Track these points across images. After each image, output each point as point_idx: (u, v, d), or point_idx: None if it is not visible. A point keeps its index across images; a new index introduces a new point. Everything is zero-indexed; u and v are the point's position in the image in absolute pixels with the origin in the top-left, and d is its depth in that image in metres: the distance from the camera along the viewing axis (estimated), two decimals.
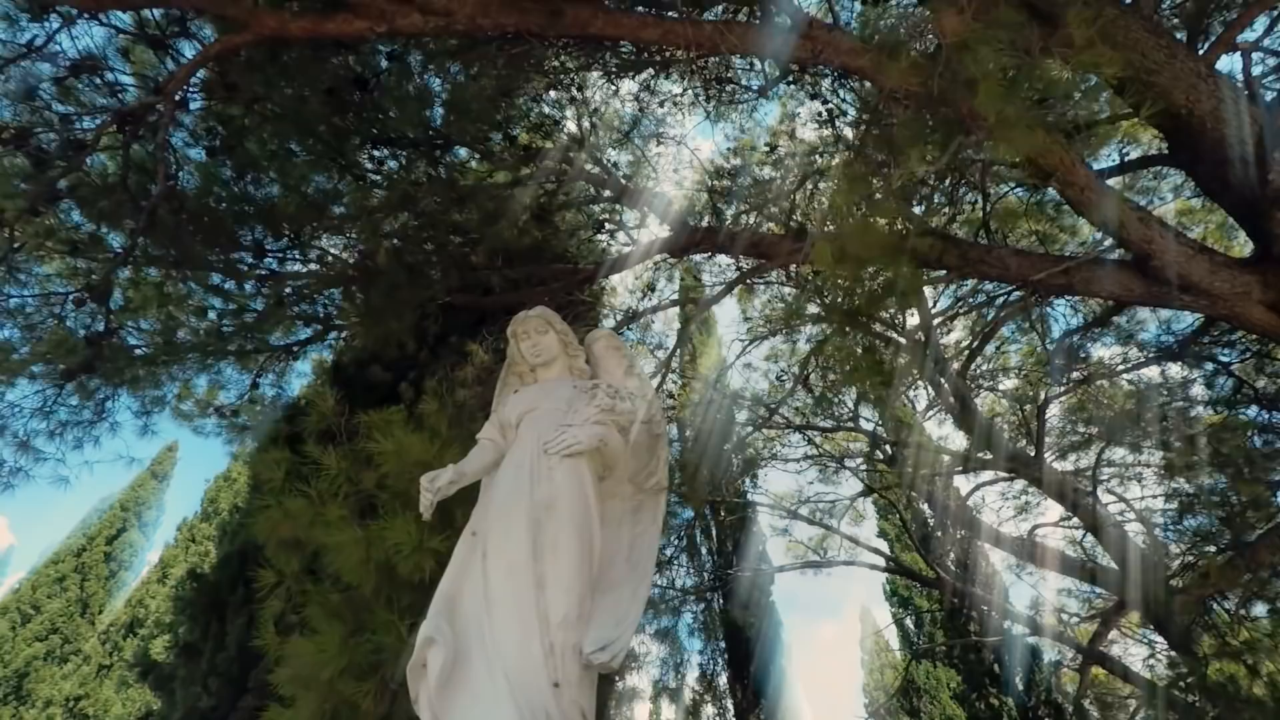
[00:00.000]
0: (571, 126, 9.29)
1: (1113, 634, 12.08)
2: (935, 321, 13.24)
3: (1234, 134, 4.52)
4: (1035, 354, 10.82)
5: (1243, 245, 8.07)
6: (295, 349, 8.42)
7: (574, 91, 9.08)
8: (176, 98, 4.34)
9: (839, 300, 3.14)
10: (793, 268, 7.74)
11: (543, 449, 2.26)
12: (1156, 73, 5.01)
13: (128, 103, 4.50)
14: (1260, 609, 7.12)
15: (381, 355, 6.03)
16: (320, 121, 5.81)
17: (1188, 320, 7.09)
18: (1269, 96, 4.25)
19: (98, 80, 4.79)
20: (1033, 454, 10.60)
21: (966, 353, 12.33)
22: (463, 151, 8.76)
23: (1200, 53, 5.54)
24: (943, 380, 12.75)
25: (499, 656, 1.97)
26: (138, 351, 6.78)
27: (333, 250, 7.52)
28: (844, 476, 15.60)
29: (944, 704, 16.37)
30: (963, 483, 14.78)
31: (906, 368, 15.56)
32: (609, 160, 9.99)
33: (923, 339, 12.78)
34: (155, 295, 6.99)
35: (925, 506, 17.16)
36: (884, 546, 20.27)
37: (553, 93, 9.02)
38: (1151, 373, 7.60)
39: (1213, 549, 6.87)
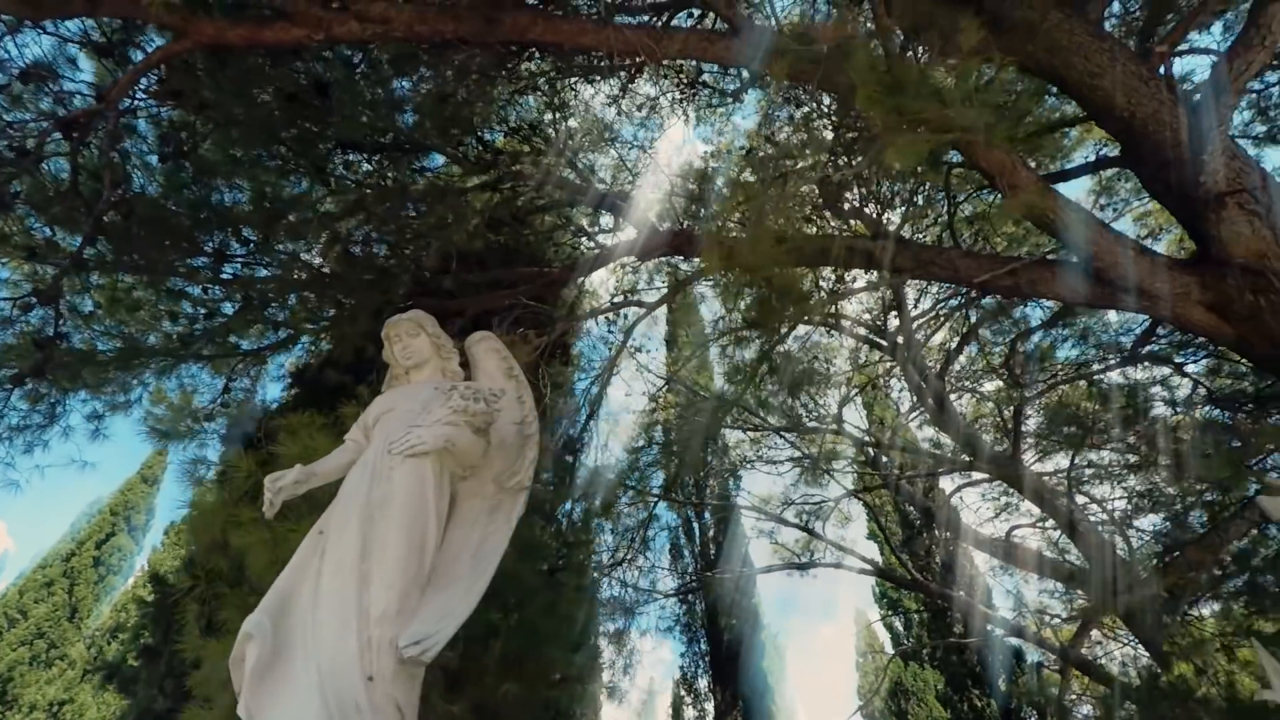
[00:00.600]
0: (548, 130, 9.33)
1: (1096, 634, 12.11)
2: (916, 324, 13.30)
3: (1171, 137, 4.56)
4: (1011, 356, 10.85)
5: None
6: (266, 353, 8.46)
7: (550, 96, 9.14)
8: (122, 105, 4.38)
9: (739, 307, 3.13)
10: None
11: (387, 449, 2.31)
12: (1100, 76, 5.05)
13: (73, 110, 4.54)
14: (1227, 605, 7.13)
15: (338, 359, 6.06)
16: (280, 127, 5.85)
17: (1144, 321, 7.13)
18: (1198, 98, 4.27)
19: (48, 88, 4.83)
20: (1010, 455, 10.64)
21: (945, 355, 12.38)
22: (440, 158, 8.82)
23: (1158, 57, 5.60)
24: (923, 382, 12.78)
25: (316, 651, 2.02)
26: (100, 355, 6.83)
27: (302, 255, 7.57)
28: (832, 479, 15.65)
29: (930, 705, 16.38)
30: (947, 484, 14.81)
31: (886, 370, 15.58)
32: (584, 164, 10.04)
33: (903, 341, 12.81)
34: (123, 299, 7.05)
35: (909, 508, 17.20)
36: (874, 548, 20.33)
37: (530, 97, 9.08)
38: (1117, 374, 7.63)
39: (1160, 549, 6.90)
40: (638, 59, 4.82)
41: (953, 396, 13.69)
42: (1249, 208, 4.55)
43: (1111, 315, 8.52)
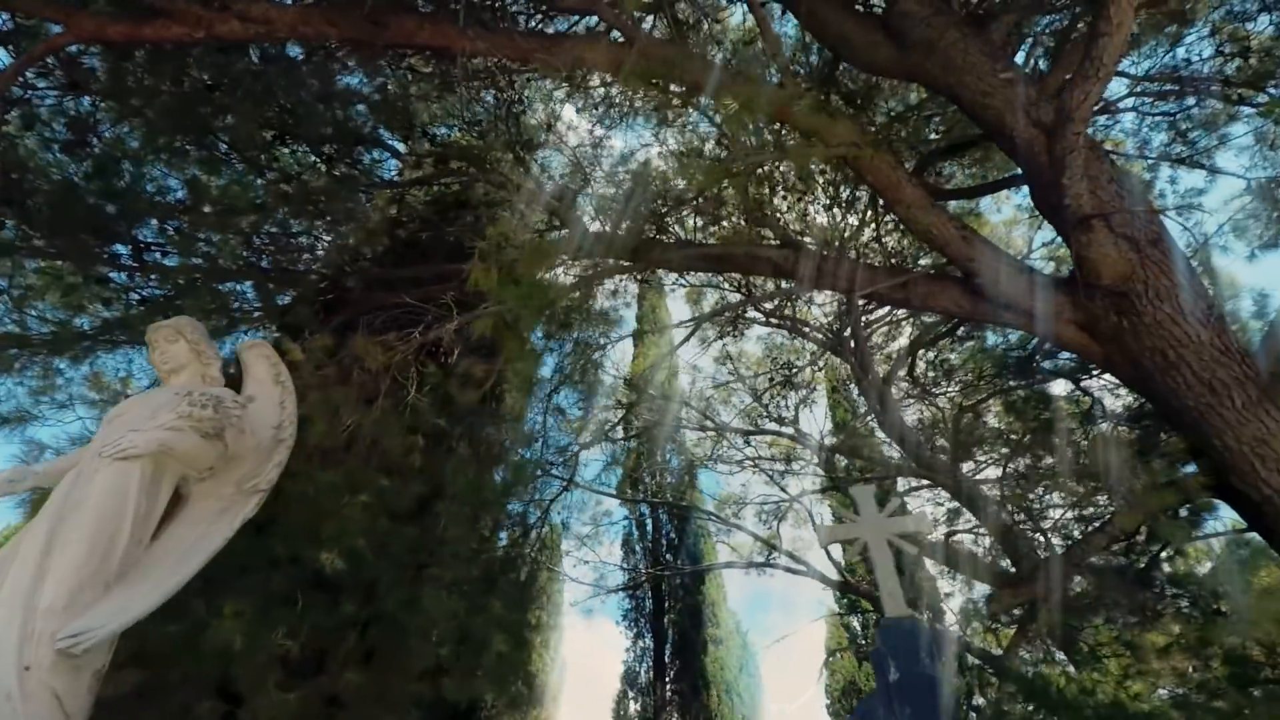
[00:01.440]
0: (501, 128, 9.37)
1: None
2: (868, 330, 13.39)
3: (1046, 160, 4.65)
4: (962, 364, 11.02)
5: None
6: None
7: (502, 94, 9.18)
8: (10, 95, 4.44)
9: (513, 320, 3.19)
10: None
11: (99, 451, 2.41)
12: (991, 95, 5.15)
13: None
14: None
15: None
16: (194, 118, 5.90)
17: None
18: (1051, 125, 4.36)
19: None
20: (950, 463, 10.77)
21: (888, 360, 12.49)
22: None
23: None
24: (872, 388, 12.88)
25: None
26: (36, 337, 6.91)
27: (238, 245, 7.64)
28: (791, 479, 15.79)
29: None
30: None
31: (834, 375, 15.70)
32: (535, 161, 10.08)
33: (854, 346, 12.92)
34: (48, 284, 7.11)
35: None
36: (838, 549, 20.47)
37: (490, 96, 9.12)
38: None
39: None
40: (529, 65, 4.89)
41: (910, 403, 13.84)
42: (1120, 231, 4.66)
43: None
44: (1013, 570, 6.91)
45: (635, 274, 7.61)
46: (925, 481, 12.31)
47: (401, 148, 9.21)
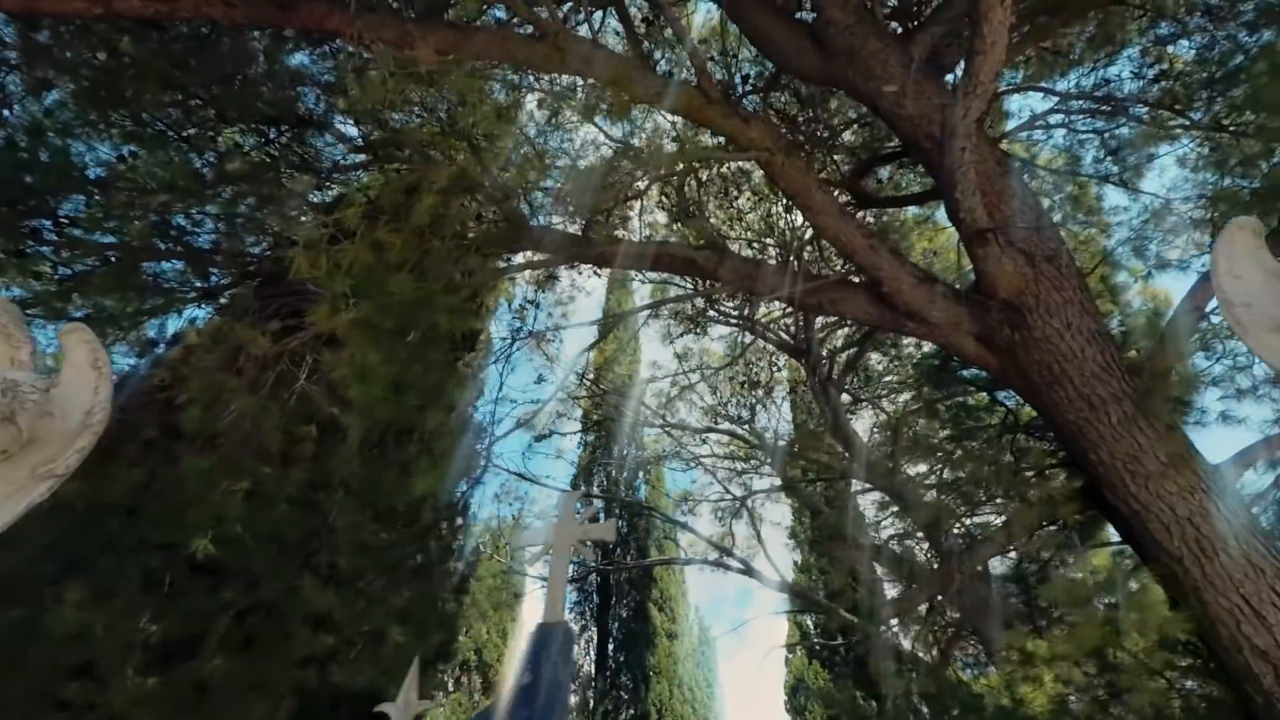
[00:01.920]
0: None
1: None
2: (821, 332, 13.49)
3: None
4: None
5: None
6: (142, 318, 8.44)
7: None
8: None
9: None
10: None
11: None
12: (905, 106, 5.22)
13: None
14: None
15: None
16: (119, 93, 5.84)
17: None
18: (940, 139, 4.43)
19: None
20: (890, 466, 10.90)
21: (832, 363, 12.60)
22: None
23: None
24: (821, 391, 12.98)
25: None
26: None
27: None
28: (751, 478, 15.91)
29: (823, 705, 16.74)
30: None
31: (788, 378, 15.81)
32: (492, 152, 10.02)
33: (806, 349, 13.00)
34: None
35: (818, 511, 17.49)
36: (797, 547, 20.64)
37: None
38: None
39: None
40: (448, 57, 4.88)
41: (860, 406, 13.99)
42: (1018, 245, 4.75)
43: None
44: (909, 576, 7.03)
45: (561, 266, 7.63)
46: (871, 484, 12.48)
47: (354, 131, 9.14)
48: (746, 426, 15.53)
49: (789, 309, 13.31)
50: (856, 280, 5.48)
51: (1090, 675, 4.37)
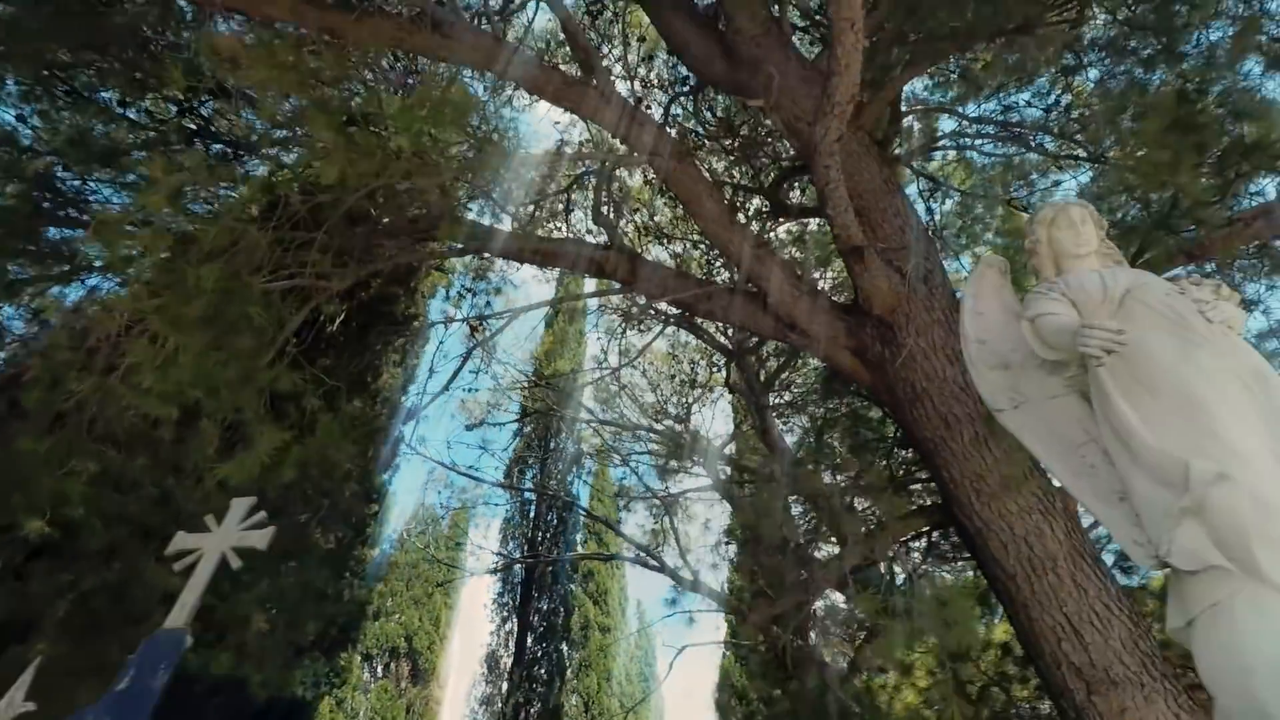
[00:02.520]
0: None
1: None
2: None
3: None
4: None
5: None
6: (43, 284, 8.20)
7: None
8: None
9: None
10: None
11: None
12: (800, 120, 5.31)
13: None
14: None
15: None
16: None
17: None
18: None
19: None
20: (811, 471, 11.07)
21: (770, 369, 12.75)
22: None
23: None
24: (751, 394, 13.11)
25: None
26: None
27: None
28: (681, 478, 15.99)
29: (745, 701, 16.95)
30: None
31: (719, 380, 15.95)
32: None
33: (736, 352, 13.11)
34: None
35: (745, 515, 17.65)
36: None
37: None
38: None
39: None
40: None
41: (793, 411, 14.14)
42: (895, 264, 4.86)
43: None
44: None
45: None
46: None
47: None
48: (682, 425, 15.62)
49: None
50: (748, 289, 5.54)
51: (944, 683, 4.53)
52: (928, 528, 4.77)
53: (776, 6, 5.77)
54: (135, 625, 4.09)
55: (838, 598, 7.12)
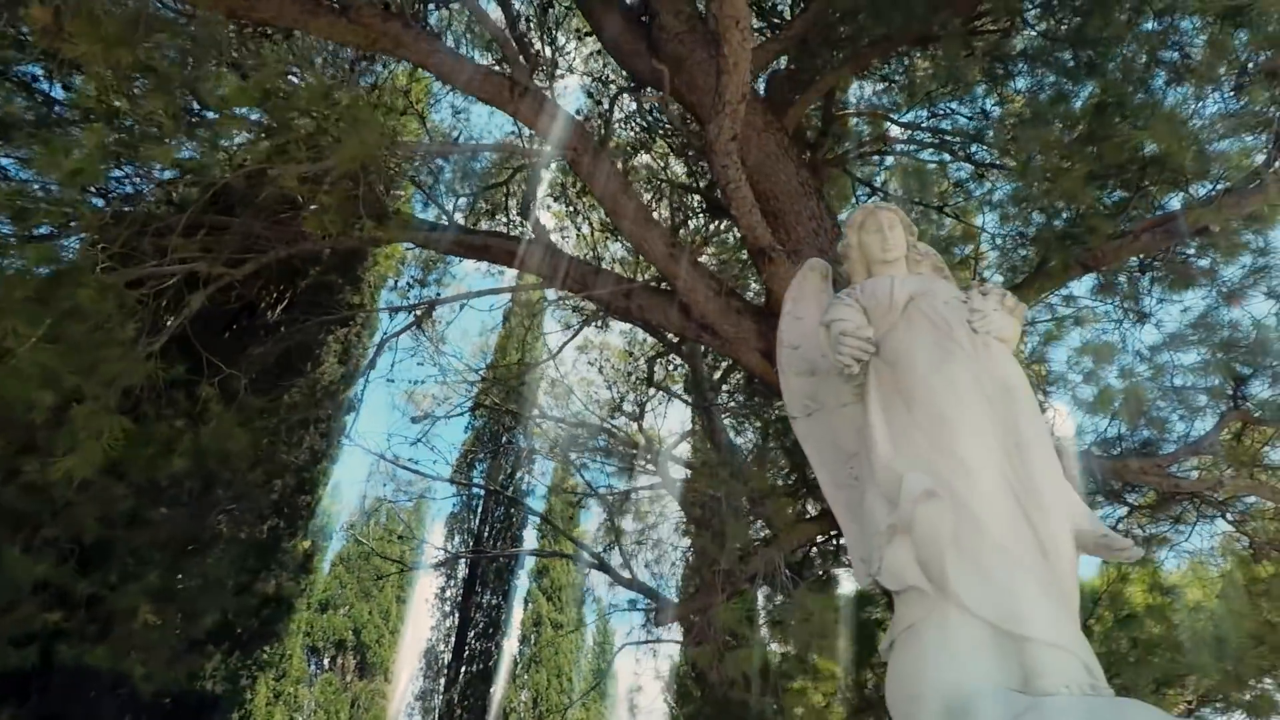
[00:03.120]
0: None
1: None
2: None
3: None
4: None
5: None
6: None
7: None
8: None
9: None
10: None
11: None
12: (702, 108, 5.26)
13: None
14: None
15: None
16: None
17: None
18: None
19: None
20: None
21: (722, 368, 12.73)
22: None
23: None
24: (699, 393, 13.07)
25: None
26: None
27: None
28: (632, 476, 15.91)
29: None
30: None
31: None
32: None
33: (686, 352, 13.07)
34: None
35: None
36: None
37: None
38: None
39: None
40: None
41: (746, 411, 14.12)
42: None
43: None
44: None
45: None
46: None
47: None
48: (636, 423, 15.54)
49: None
50: (663, 288, 5.49)
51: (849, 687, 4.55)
52: (821, 536, 4.77)
53: (702, 4, 5.73)
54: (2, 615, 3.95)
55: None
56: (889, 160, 8.18)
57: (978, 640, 1.49)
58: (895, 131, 7.36)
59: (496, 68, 5.30)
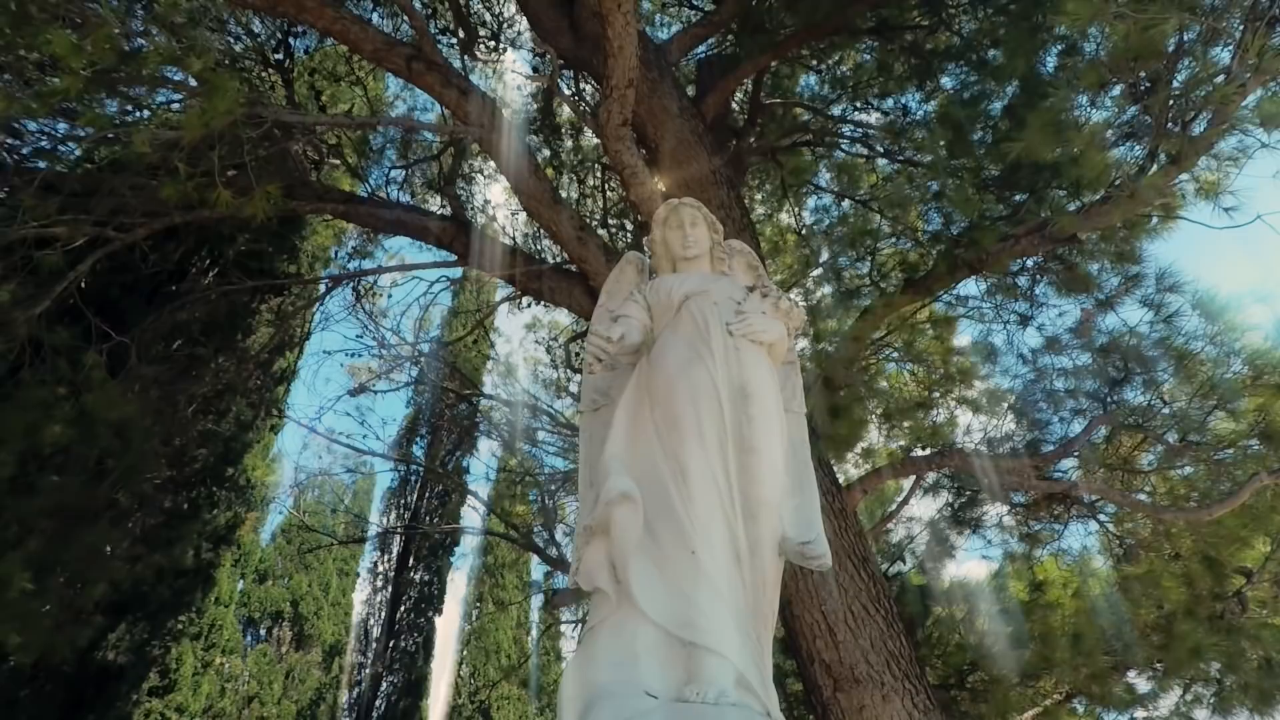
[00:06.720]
0: None
1: None
2: None
3: None
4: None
5: None
6: None
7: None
8: None
9: None
10: None
11: None
12: (641, 103, 5.22)
13: None
14: None
15: None
16: None
17: None
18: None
19: None
20: None
21: None
22: None
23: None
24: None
25: None
26: None
27: None
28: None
29: None
30: None
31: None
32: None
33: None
34: None
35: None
36: None
37: None
38: None
39: None
40: None
41: None
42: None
43: None
44: None
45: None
46: None
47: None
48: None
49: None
50: (572, 270, 5.46)
51: None
52: None
53: None
54: None
55: None
56: (819, 151, 8.21)
57: (649, 644, 1.52)
58: (824, 125, 7.37)
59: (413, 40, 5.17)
